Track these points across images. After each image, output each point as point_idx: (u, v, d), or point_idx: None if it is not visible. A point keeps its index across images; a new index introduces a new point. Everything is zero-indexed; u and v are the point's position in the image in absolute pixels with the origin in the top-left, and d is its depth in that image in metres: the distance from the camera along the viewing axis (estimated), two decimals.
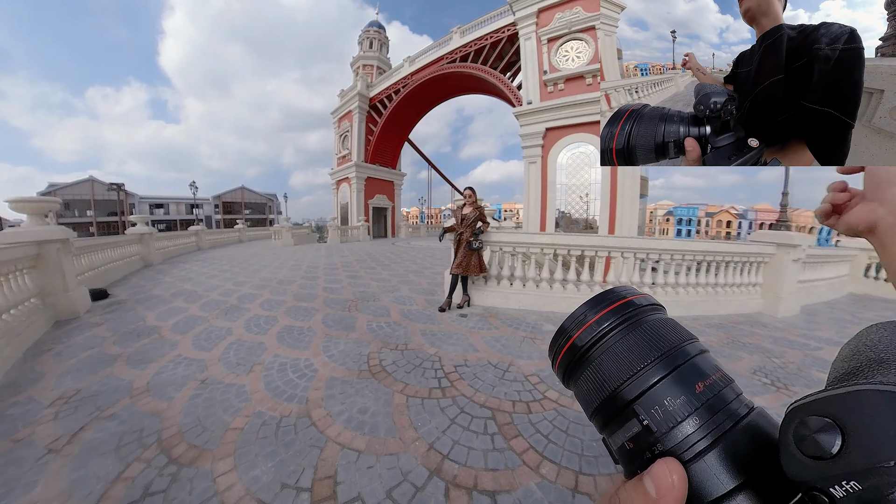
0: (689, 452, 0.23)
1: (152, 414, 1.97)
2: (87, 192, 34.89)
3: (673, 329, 0.28)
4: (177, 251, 11.34)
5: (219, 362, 2.67)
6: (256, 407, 2.07)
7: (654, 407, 0.24)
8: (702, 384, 0.25)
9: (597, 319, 0.28)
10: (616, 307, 0.29)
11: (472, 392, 2.24)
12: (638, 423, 0.24)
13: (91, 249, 5.94)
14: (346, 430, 1.86)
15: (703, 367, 0.26)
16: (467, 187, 4.37)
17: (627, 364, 0.26)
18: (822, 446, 0.18)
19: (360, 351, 2.91)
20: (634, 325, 0.28)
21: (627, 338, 0.27)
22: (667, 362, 0.26)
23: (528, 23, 11.48)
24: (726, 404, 0.24)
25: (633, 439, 0.25)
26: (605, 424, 0.27)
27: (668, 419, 0.24)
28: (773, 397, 2.37)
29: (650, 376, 0.25)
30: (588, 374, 0.28)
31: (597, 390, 0.27)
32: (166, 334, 3.30)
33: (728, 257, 4.62)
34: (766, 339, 3.63)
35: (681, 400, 0.24)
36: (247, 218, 44.21)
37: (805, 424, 0.19)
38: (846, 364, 0.24)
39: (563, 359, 0.30)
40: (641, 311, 0.29)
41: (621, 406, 0.25)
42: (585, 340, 0.28)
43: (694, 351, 0.27)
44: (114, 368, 2.56)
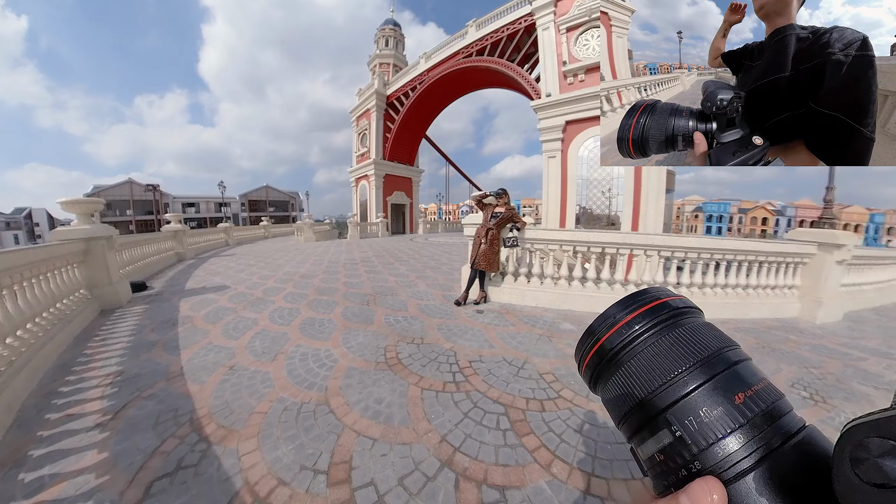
0: (730, 472, 0.21)
1: (186, 395, 2.11)
2: (127, 192, 37.53)
3: (712, 334, 0.26)
4: (207, 247, 11.98)
5: (246, 350, 2.81)
6: (280, 393, 2.17)
7: (688, 417, 0.22)
8: (742, 395, 0.23)
9: (628, 321, 0.27)
10: (649, 308, 0.27)
11: (486, 387, 2.25)
12: (670, 433, 0.23)
13: (131, 245, 6.37)
14: (363, 418, 1.92)
15: (744, 376, 0.24)
16: (501, 189, 4.42)
17: (660, 370, 0.24)
18: (885, 472, 0.16)
19: (377, 343, 2.98)
20: (669, 329, 0.26)
21: (661, 341, 0.26)
22: (704, 370, 0.24)
23: (546, 11, 11.16)
24: (774, 421, 0.22)
25: (665, 451, 0.23)
26: (634, 433, 0.25)
27: (703, 432, 0.22)
28: (810, 412, 2.18)
29: (685, 384, 0.23)
30: (617, 378, 0.26)
31: (626, 396, 0.25)
32: (198, 323, 3.49)
33: (762, 257, 4.32)
34: (802, 346, 3.38)
35: (718, 412, 0.22)
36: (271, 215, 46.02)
37: (865, 447, 0.17)
38: None
39: (591, 361, 0.28)
40: (677, 313, 0.27)
41: (653, 414, 0.24)
42: (615, 343, 0.27)
43: (735, 358, 0.25)
44: (152, 354, 2.75)
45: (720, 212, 58.97)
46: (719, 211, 59.06)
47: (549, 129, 11.05)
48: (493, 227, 4.19)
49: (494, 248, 4.25)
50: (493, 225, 4.19)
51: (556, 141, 10.97)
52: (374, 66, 23.97)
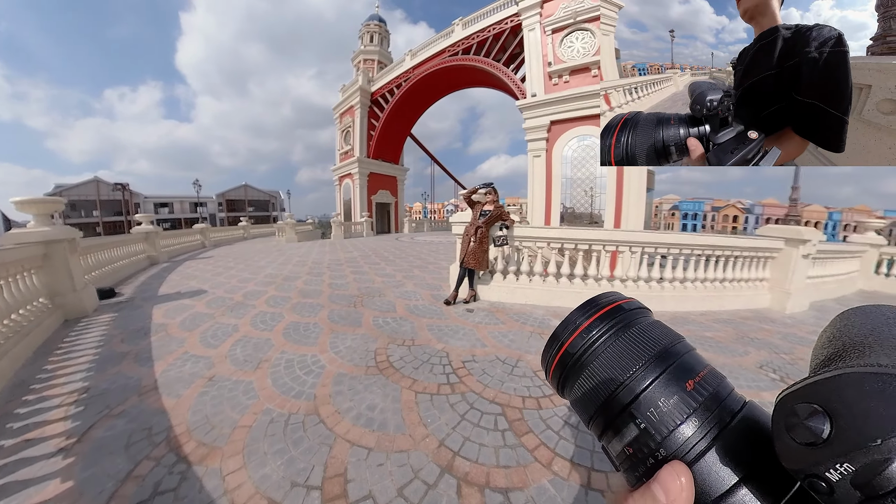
0: (691, 454, 0.23)
1: (161, 411, 1.96)
2: (93, 192, 35.26)
3: (661, 330, 0.28)
4: (182, 249, 11.42)
5: (226, 359, 2.66)
6: (265, 404, 2.06)
7: (649, 409, 0.24)
8: (692, 381, 0.25)
9: (587, 325, 0.29)
10: (605, 312, 0.29)
11: (482, 388, 2.21)
12: (635, 426, 0.24)
13: (97, 248, 5.98)
14: (356, 427, 1.84)
15: (692, 364, 0.26)
16: (489, 183, 4.34)
17: (620, 368, 0.26)
18: (812, 432, 0.18)
19: (367, 347, 2.89)
20: (624, 329, 0.28)
21: (618, 342, 0.27)
22: (657, 363, 0.26)
23: (532, 13, 11.27)
24: (720, 401, 0.24)
25: (633, 443, 0.24)
26: (603, 431, 0.26)
27: (664, 420, 0.23)
28: (779, 389, 2.30)
29: (643, 378, 0.25)
30: (582, 381, 0.28)
31: (592, 397, 0.27)
32: (173, 331, 3.30)
33: (737, 252, 4.54)
34: (774, 335, 3.57)
35: (674, 399, 0.24)
36: (250, 215, 44.49)
37: (794, 413, 0.19)
38: (826, 350, 0.24)
39: (557, 368, 0.29)
40: (629, 314, 0.29)
41: (618, 411, 0.25)
42: (577, 347, 0.28)
43: (683, 350, 0.27)
44: (122, 366, 2.56)
45: (695, 210, 61.74)
46: (694, 209, 61.84)
47: (535, 128, 11.17)
48: (482, 225, 4.16)
49: (483, 246, 4.23)
50: (483, 223, 4.17)
51: (540, 140, 11.10)
52: (358, 63, 23.52)
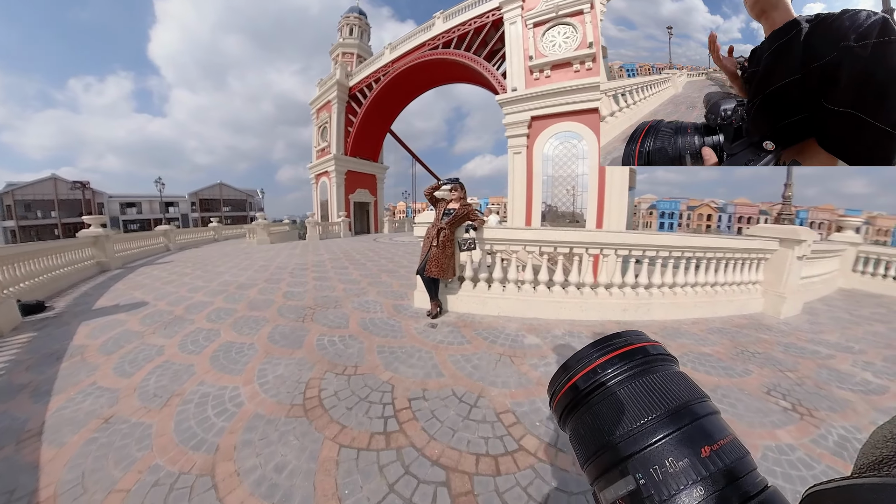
0: None
1: (33, 467, 1.60)
2: (50, 191, 32.80)
3: (684, 384, 0.27)
4: (142, 253, 10.49)
5: (135, 392, 2.23)
6: (155, 458, 1.66)
7: (654, 466, 0.23)
8: (708, 448, 0.23)
9: (602, 363, 0.27)
10: (624, 352, 0.28)
11: (425, 440, 1.76)
12: (634, 481, 0.23)
13: (31, 256, 5.26)
14: (252, 498, 1.41)
15: (711, 429, 0.24)
16: (454, 178, 3.74)
17: (631, 415, 0.25)
18: None
19: (299, 376, 2.41)
20: (642, 374, 0.27)
21: (634, 386, 0.26)
22: (673, 419, 0.24)
23: (514, 6, 10.96)
24: (736, 479, 0.22)
25: (627, 498, 0.23)
26: (598, 476, 0.25)
27: (667, 482, 0.22)
28: (797, 428, 1.94)
29: (654, 432, 0.24)
30: (587, 418, 0.27)
31: (595, 438, 0.26)
32: (89, 356, 2.83)
33: (729, 253, 4.27)
34: (774, 346, 3.29)
35: (684, 463, 0.22)
36: (226, 215, 42.69)
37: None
38: (877, 451, 0.21)
39: (563, 398, 0.29)
40: (651, 359, 0.28)
41: (619, 459, 0.24)
42: (588, 383, 0.27)
43: (704, 411, 0.25)
44: (14, 403, 2.14)
45: (671, 209, 63.62)
46: (671, 208, 63.72)
47: (515, 124, 10.86)
48: (445, 226, 3.61)
49: (447, 251, 3.68)
50: (446, 224, 3.61)
51: (521, 136, 10.80)
52: (336, 56, 22.63)
